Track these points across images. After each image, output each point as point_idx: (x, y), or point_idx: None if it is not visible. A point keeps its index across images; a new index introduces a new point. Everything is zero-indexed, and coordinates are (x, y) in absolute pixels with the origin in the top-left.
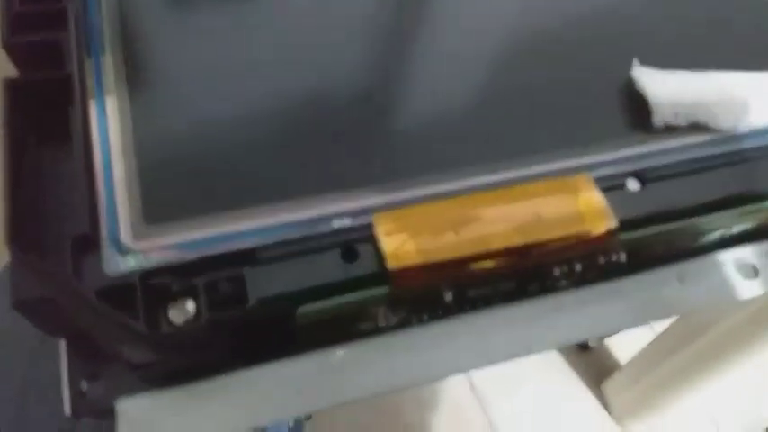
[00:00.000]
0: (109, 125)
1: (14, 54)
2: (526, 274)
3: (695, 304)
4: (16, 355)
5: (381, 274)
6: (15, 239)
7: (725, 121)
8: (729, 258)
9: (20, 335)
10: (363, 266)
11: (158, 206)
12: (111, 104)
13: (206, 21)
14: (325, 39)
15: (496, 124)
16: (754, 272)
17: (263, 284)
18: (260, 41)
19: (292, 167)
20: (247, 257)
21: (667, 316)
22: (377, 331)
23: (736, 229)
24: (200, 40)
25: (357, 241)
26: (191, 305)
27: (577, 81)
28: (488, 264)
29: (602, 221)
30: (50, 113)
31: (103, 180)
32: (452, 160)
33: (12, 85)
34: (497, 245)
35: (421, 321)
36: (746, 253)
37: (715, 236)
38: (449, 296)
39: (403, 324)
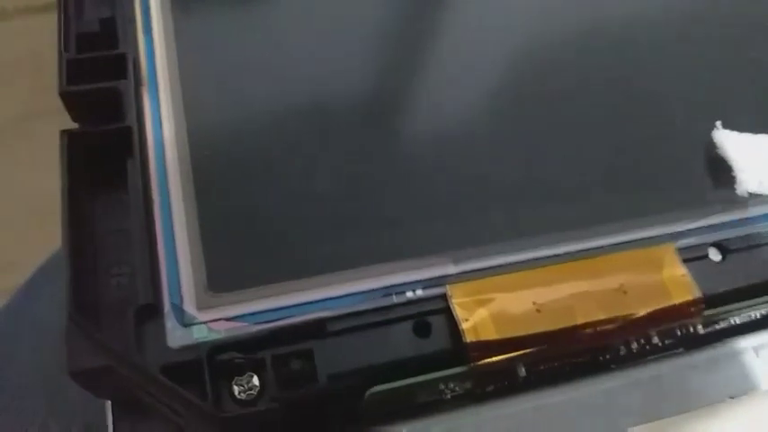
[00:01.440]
0: (170, 181)
1: (70, 102)
2: (603, 347)
3: None
4: (38, 382)
5: (456, 350)
6: (73, 305)
7: None
8: None
9: (41, 364)
10: (437, 342)
11: (223, 273)
12: (172, 158)
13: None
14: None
15: (575, 189)
16: None
17: (333, 360)
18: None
19: (363, 232)
20: (316, 330)
21: (744, 392)
22: (443, 407)
23: None
24: (260, 89)
25: (430, 313)
26: (256, 380)
27: (655, 142)
28: (568, 338)
29: (688, 295)
30: (109, 167)
31: (164, 242)
32: (531, 227)
33: (71, 136)
34: (579, 320)
35: (489, 397)
36: None
37: None
38: (522, 371)
39: (470, 400)
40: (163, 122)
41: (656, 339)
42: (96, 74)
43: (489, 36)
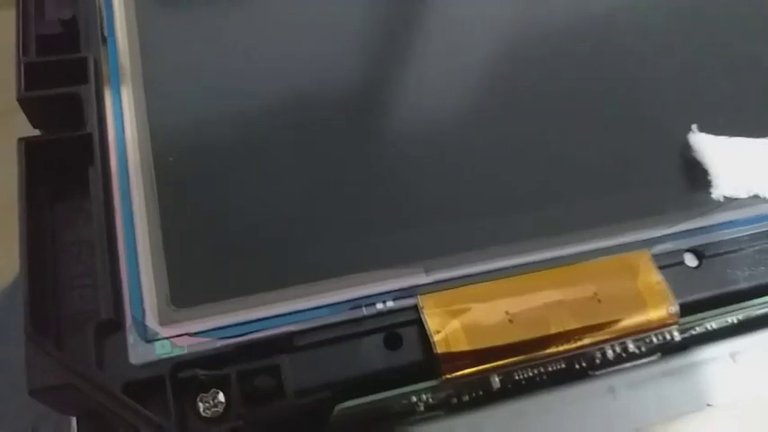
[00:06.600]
0: (132, 190)
1: (29, 108)
2: (577, 356)
3: (750, 388)
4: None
5: (428, 362)
6: (32, 322)
7: None
8: None
9: None
10: (409, 354)
11: (187, 286)
12: (135, 165)
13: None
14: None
15: (547, 196)
16: None
17: (301, 375)
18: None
19: (331, 243)
20: (283, 345)
21: (722, 400)
22: (415, 420)
23: None
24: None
25: (401, 325)
26: (221, 397)
27: (628, 146)
28: (541, 348)
29: (663, 304)
30: (69, 175)
31: (126, 254)
32: (503, 235)
33: (29, 145)
34: (553, 329)
35: (463, 407)
36: None
37: None
38: (496, 382)
39: (444, 411)
40: (125, 128)
41: (631, 347)
42: (56, 78)
43: (465, 45)
